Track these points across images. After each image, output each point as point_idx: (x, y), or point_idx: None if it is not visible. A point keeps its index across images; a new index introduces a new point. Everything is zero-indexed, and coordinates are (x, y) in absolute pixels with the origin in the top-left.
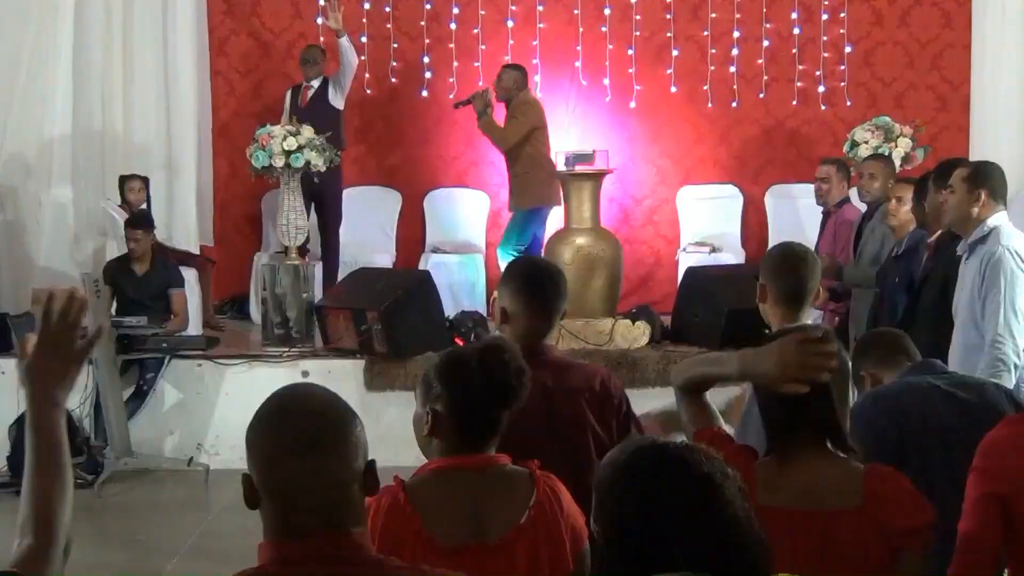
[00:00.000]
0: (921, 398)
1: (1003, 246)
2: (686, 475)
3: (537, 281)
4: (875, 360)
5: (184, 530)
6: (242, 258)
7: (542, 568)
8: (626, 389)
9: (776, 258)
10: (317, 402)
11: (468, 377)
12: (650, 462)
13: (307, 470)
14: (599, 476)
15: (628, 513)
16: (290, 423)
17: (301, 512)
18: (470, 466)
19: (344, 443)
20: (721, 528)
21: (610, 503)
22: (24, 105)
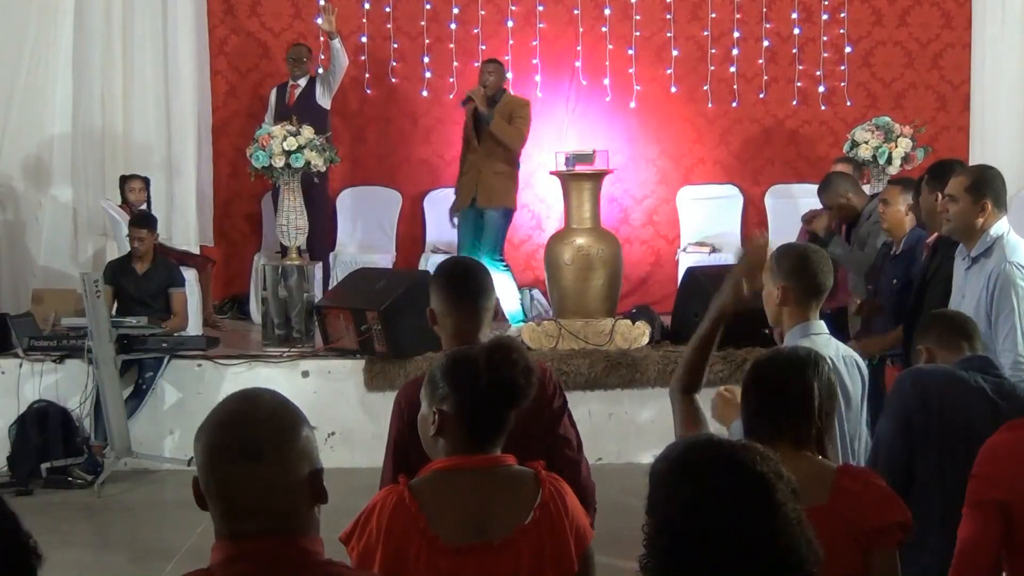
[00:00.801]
0: (961, 394)
1: (1009, 262)
2: (740, 473)
3: (461, 280)
4: (936, 337)
5: (184, 530)
6: (242, 258)
7: (546, 568)
8: (626, 389)
9: (798, 259)
10: (261, 409)
11: (475, 377)
12: (705, 458)
13: (240, 475)
14: (653, 468)
15: (679, 508)
16: (228, 429)
17: (240, 515)
18: (476, 466)
19: (284, 451)
20: (772, 528)
21: (662, 496)
22: (24, 105)
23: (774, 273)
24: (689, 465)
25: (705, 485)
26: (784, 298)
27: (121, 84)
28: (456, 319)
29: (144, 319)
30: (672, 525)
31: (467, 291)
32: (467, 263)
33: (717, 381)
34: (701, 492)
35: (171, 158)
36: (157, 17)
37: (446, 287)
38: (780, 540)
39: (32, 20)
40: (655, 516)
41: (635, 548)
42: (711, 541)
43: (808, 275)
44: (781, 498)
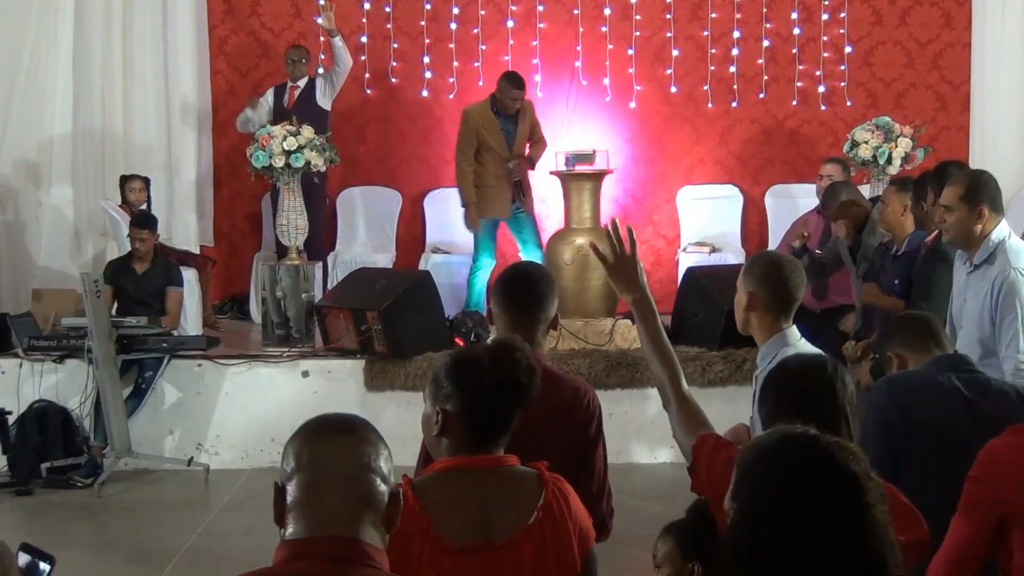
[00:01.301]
0: (938, 398)
1: (1013, 268)
2: (835, 470)
3: (515, 288)
4: (901, 342)
5: (184, 530)
6: (242, 258)
7: (549, 569)
8: (626, 389)
9: (768, 267)
10: (359, 420)
11: (479, 376)
12: (798, 453)
13: (340, 446)
14: (741, 456)
15: (767, 497)
16: (324, 418)
17: (323, 492)
18: (479, 466)
19: (373, 436)
20: (861, 527)
21: (748, 486)
22: (24, 105)
23: (745, 277)
24: (782, 457)
25: (797, 478)
26: (751, 304)
27: (121, 84)
28: (509, 326)
29: (144, 319)
30: (759, 514)
31: (524, 300)
32: (530, 270)
33: (717, 381)
34: (792, 485)
35: (171, 158)
36: (157, 17)
37: (504, 293)
38: (867, 540)
39: (32, 20)
40: (741, 503)
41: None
42: (797, 534)
43: (778, 283)
44: (871, 499)
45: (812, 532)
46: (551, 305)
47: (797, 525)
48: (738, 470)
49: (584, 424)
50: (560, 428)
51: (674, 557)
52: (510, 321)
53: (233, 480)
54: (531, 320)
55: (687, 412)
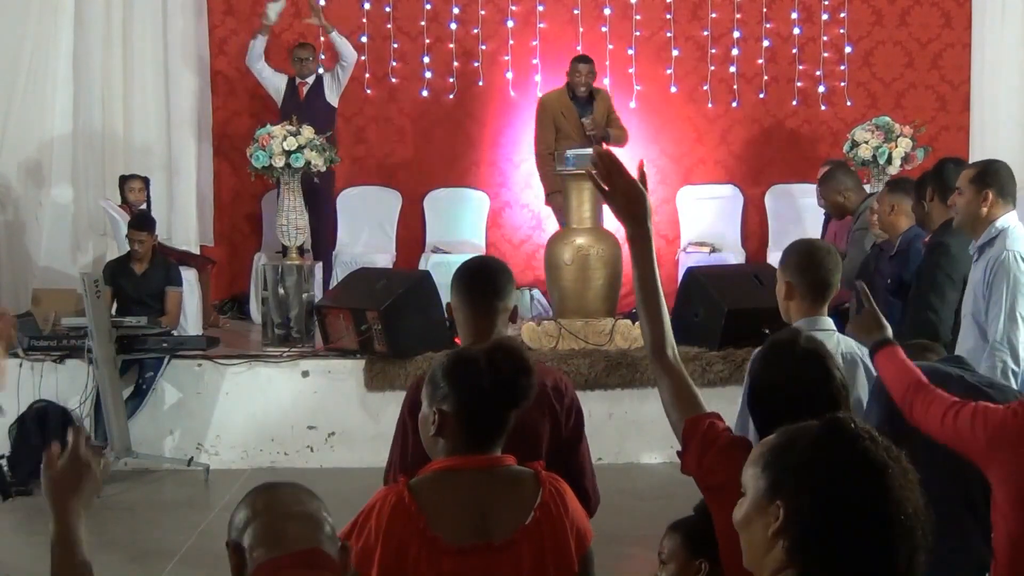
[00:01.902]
0: (941, 381)
1: (1008, 250)
2: (867, 454)
3: (473, 278)
4: (908, 351)
5: (184, 530)
6: (242, 258)
7: (547, 569)
8: (626, 389)
9: (804, 254)
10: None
11: (476, 377)
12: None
13: (284, 493)
14: (779, 455)
15: (833, 491)
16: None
17: (283, 525)
18: (476, 466)
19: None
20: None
21: (808, 484)
22: (24, 105)
23: (782, 268)
24: (835, 447)
25: (857, 465)
26: (789, 293)
27: (121, 84)
28: (469, 315)
29: (144, 319)
30: (830, 509)
31: (483, 290)
32: (489, 262)
33: (717, 381)
34: (854, 472)
35: (171, 158)
36: (157, 17)
37: (464, 284)
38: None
39: (32, 20)
40: (804, 503)
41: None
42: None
43: (813, 271)
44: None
45: (889, 520)
46: (509, 296)
47: (863, 512)
48: (784, 469)
49: (567, 410)
50: (543, 416)
51: (680, 554)
52: (470, 311)
53: (233, 480)
54: (491, 310)
55: (675, 384)
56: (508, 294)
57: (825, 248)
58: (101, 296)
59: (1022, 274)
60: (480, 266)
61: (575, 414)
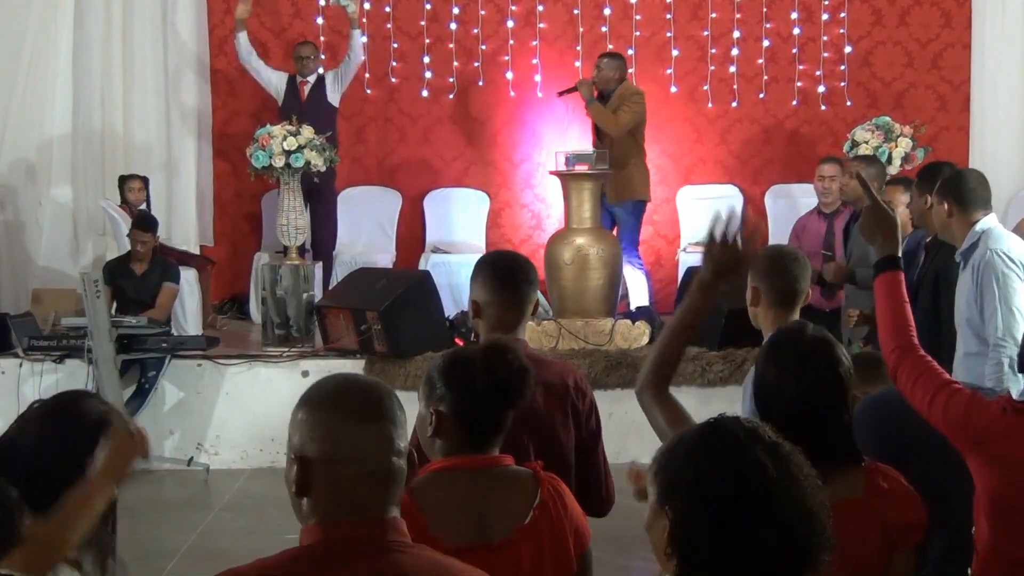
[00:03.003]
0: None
1: (990, 250)
2: (740, 450)
3: (507, 271)
4: (860, 378)
5: (184, 530)
6: (242, 258)
7: (546, 568)
8: (626, 389)
9: (768, 260)
10: (369, 380)
11: (471, 377)
12: (713, 440)
13: (374, 436)
14: (667, 459)
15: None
16: (355, 395)
17: (362, 484)
18: (474, 466)
19: (400, 415)
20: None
21: (683, 484)
22: (24, 105)
23: (750, 272)
24: (702, 449)
25: (717, 465)
26: (755, 299)
27: (121, 84)
28: (499, 309)
29: (144, 319)
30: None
31: (512, 281)
32: (512, 254)
33: (717, 381)
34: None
35: (171, 158)
36: (157, 17)
37: (491, 277)
38: (808, 506)
39: (32, 20)
40: (684, 503)
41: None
42: (749, 518)
43: (778, 277)
44: (797, 463)
45: (761, 514)
46: (536, 290)
47: (746, 510)
48: (669, 472)
49: (588, 408)
50: (566, 414)
51: None
52: (502, 304)
53: (233, 480)
54: (525, 301)
55: (673, 413)
56: (535, 286)
57: (792, 254)
58: (101, 296)
59: (1009, 269)
60: (511, 257)
61: (595, 414)
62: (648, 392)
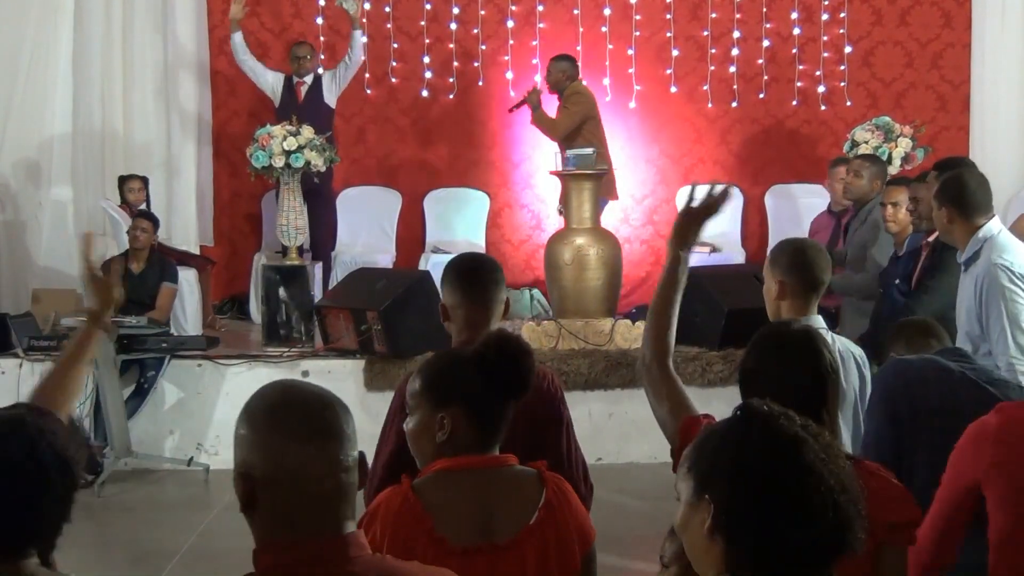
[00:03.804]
0: (943, 377)
1: (994, 264)
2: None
3: (471, 273)
4: (905, 344)
5: (184, 530)
6: (242, 258)
7: (550, 569)
8: (626, 389)
9: (795, 252)
10: (312, 393)
11: (479, 375)
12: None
13: (316, 456)
14: (703, 450)
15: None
16: (294, 412)
17: (307, 503)
18: (479, 466)
19: (345, 429)
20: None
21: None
22: (24, 105)
23: (772, 267)
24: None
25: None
26: (781, 292)
27: (121, 84)
28: (467, 310)
29: (144, 319)
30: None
31: (478, 282)
32: (478, 256)
33: (717, 381)
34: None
35: (171, 158)
36: (157, 17)
37: (456, 278)
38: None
39: (32, 20)
40: (726, 493)
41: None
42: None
43: (805, 269)
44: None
45: (809, 497)
46: (503, 289)
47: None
48: (705, 463)
49: (547, 406)
50: (525, 413)
51: (683, 557)
52: (469, 306)
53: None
54: (490, 302)
55: (672, 389)
56: (502, 287)
57: (816, 247)
58: None
59: (1013, 285)
60: (472, 260)
61: (557, 409)
62: (655, 366)
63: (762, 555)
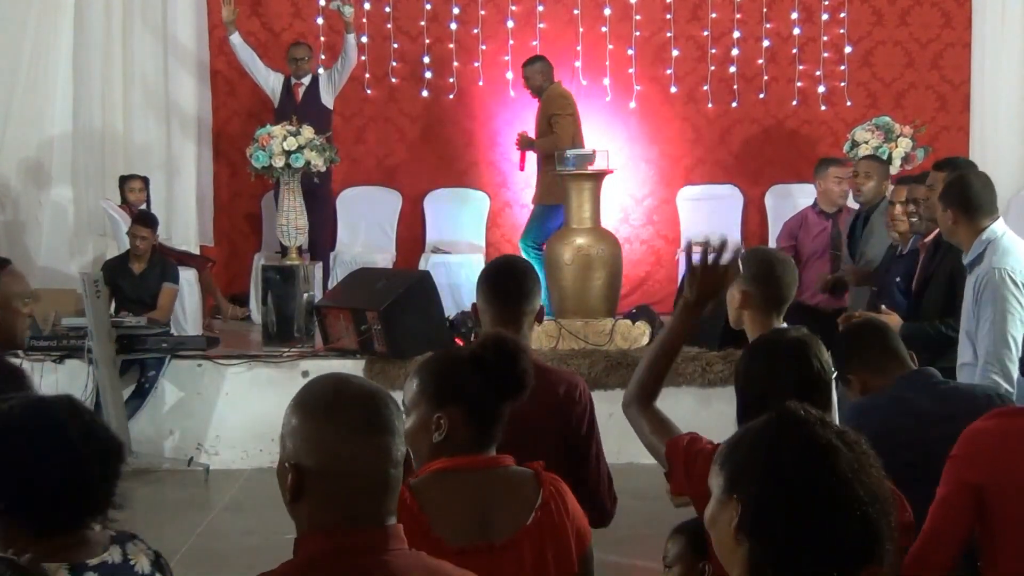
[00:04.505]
0: (912, 423)
1: (995, 268)
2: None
3: (501, 280)
4: (861, 362)
5: (184, 530)
6: (242, 258)
7: (548, 569)
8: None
9: (761, 265)
10: (366, 387)
11: (475, 375)
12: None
13: (369, 448)
14: (735, 448)
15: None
16: (352, 404)
17: (360, 495)
18: (476, 466)
19: (397, 423)
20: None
21: (758, 473)
22: (24, 105)
23: (738, 275)
24: (777, 436)
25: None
26: (744, 302)
27: (121, 84)
28: (495, 318)
29: (144, 319)
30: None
31: (509, 293)
32: (514, 263)
33: (717, 381)
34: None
35: (171, 158)
36: (157, 17)
37: (485, 286)
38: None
39: (32, 20)
40: (753, 491)
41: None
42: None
43: (772, 282)
44: (864, 447)
45: (836, 500)
46: (536, 297)
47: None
48: (737, 461)
49: (579, 417)
50: (556, 423)
51: (685, 557)
52: (496, 314)
53: (233, 480)
54: (518, 313)
55: (655, 420)
56: (535, 297)
57: (785, 261)
58: (101, 296)
59: (1010, 293)
60: (507, 268)
61: (587, 422)
62: (635, 406)
63: (785, 560)
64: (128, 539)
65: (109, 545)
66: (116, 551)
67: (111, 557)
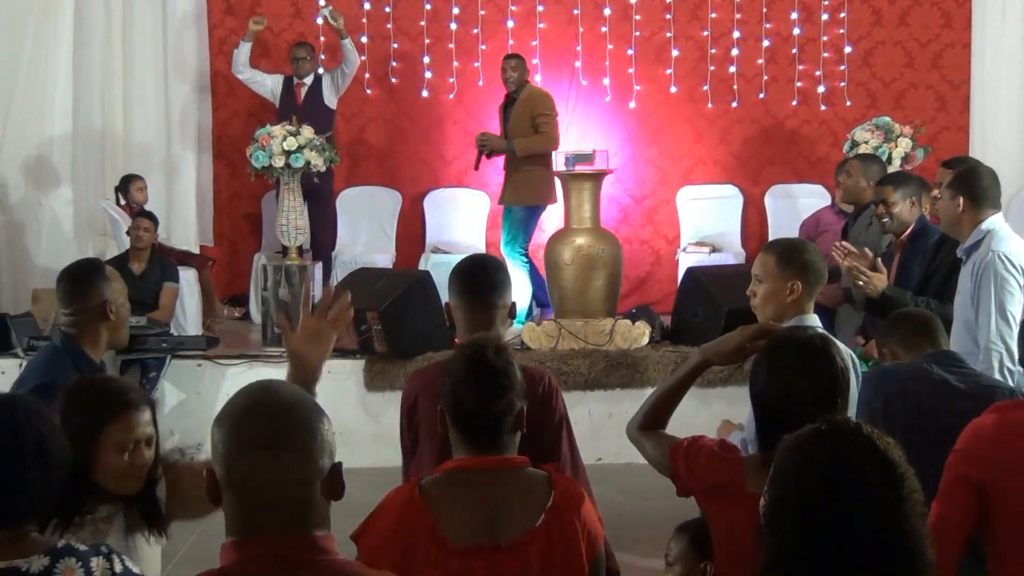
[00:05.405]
0: (926, 389)
1: (993, 251)
2: (871, 458)
3: (471, 275)
4: (899, 339)
5: (184, 530)
6: (242, 258)
7: (555, 571)
8: (626, 389)
9: (809, 254)
10: (284, 399)
11: (454, 374)
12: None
13: (268, 464)
14: (779, 448)
15: (802, 485)
16: (255, 417)
17: (260, 509)
18: (486, 467)
19: (309, 440)
20: (895, 518)
21: (787, 474)
22: (24, 105)
23: (783, 270)
24: (818, 444)
25: (833, 464)
26: (792, 292)
27: (121, 84)
28: (467, 314)
29: (144, 319)
30: (796, 500)
31: (478, 286)
32: (483, 260)
33: (717, 381)
34: (828, 470)
35: (171, 158)
36: (157, 17)
37: (458, 282)
38: (902, 528)
39: (32, 20)
40: (777, 491)
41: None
42: (834, 521)
43: (817, 270)
44: (908, 487)
45: (849, 519)
46: (507, 292)
47: (834, 511)
48: (776, 461)
49: (552, 410)
50: (537, 420)
51: (687, 557)
52: (468, 310)
53: None
54: (489, 307)
55: (657, 436)
56: (506, 291)
57: (815, 248)
58: None
59: (1008, 273)
60: (476, 264)
61: (558, 412)
62: (637, 431)
63: (791, 568)
64: (72, 554)
65: (41, 554)
66: (41, 560)
67: (29, 565)
